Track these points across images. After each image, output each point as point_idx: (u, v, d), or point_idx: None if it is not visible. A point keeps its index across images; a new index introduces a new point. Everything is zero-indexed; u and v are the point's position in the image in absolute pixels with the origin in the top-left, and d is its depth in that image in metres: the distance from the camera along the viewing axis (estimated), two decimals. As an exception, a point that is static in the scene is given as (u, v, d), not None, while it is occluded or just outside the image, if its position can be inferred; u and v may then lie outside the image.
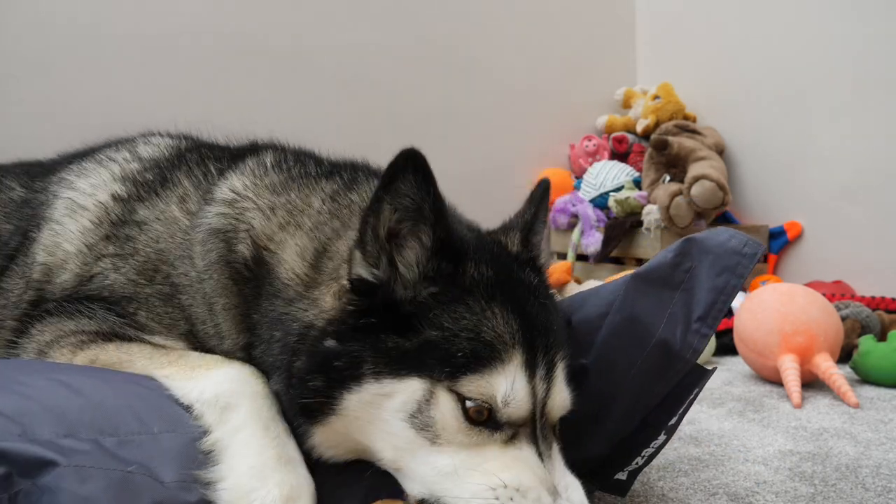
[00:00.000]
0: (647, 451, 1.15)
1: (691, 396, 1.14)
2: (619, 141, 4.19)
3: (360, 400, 0.92)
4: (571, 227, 3.87)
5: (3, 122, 2.89)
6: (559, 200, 3.94)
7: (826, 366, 1.98)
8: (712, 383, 2.18)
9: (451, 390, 0.89)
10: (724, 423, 1.75)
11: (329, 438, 0.97)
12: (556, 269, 3.36)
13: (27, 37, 2.96)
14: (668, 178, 3.68)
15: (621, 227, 3.65)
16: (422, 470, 0.90)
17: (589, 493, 0.96)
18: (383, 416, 0.91)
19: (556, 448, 0.96)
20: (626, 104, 4.41)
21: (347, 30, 3.70)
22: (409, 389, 0.90)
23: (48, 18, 3.00)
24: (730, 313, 2.74)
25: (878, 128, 3.19)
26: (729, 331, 2.54)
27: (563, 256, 3.92)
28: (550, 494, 0.88)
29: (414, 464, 0.91)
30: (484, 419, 0.89)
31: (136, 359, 1.07)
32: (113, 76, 3.13)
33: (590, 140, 4.28)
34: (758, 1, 3.81)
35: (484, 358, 0.90)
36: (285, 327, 1.03)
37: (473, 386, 0.89)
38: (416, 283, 0.95)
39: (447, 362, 0.89)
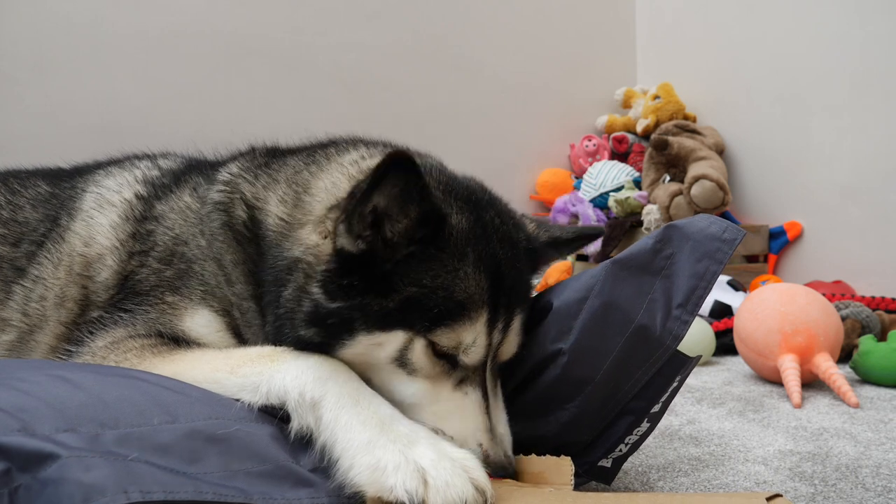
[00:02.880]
0: (631, 439, 1.15)
1: (674, 384, 1.13)
2: (619, 141, 4.19)
3: (354, 351, 1.07)
4: (571, 227, 3.87)
5: (3, 122, 2.89)
6: (559, 200, 3.94)
7: (826, 366, 1.98)
8: (712, 383, 2.18)
9: (426, 338, 1.05)
10: (724, 423, 1.75)
11: None
12: (556, 269, 3.37)
13: (27, 37, 2.96)
14: (668, 178, 3.68)
15: (621, 227, 3.65)
16: (397, 397, 1.08)
17: (576, 475, 1.05)
18: (374, 360, 1.08)
19: (499, 388, 1.15)
20: (626, 104, 4.41)
21: (347, 29, 3.70)
22: (395, 339, 1.06)
23: (48, 18, 3.00)
24: (730, 313, 2.74)
25: (878, 127, 3.19)
26: (729, 331, 2.54)
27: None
28: (484, 435, 1.06)
29: (393, 391, 1.08)
30: (446, 355, 1.08)
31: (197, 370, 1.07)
32: (113, 76, 3.14)
33: (590, 140, 4.28)
34: (757, 1, 3.81)
35: (455, 315, 1.06)
36: (276, 265, 1.17)
37: (444, 336, 1.06)
38: (399, 246, 1.06)
39: (425, 316, 1.05)
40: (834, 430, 1.67)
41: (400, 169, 0.98)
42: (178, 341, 1.17)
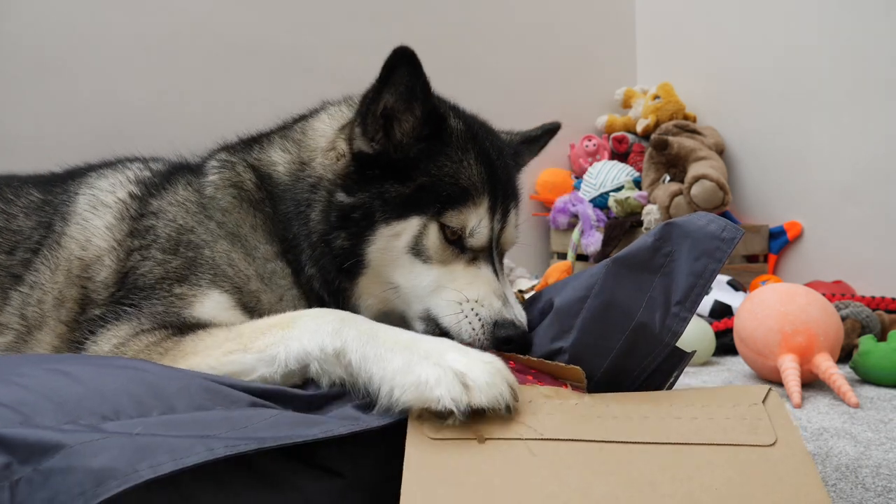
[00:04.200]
0: None
1: (671, 380, 1.14)
2: (619, 141, 4.19)
3: (378, 248, 1.23)
4: (571, 227, 3.87)
5: (3, 122, 2.89)
6: (559, 200, 3.94)
7: (826, 366, 1.98)
8: (712, 383, 2.17)
9: (438, 221, 1.23)
10: (724, 422, 1.75)
11: (367, 287, 1.27)
12: (556, 269, 3.36)
13: (27, 37, 2.96)
14: (668, 178, 3.68)
15: (621, 227, 3.65)
16: (418, 287, 1.24)
17: None
18: (395, 254, 1.23)
19: (505, 271, 1.32)
20: (626, 104, 4.41)
21: (347, 29, 3.70)
22: (411, 226, 1.23)
23: (48, 18, 3.00)
24: (730, 313, 2.74)
25: (878, 127, 3.19)
26: (729, 331, 2.54)
27: (563, 256, 3.92)
28: (500, 300, 1.22)
29: (413, 282, 1.24)
30: (456, 239, 1.25)
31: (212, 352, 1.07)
32: (113, 76, 3.13)
33: (590, 140, 4.28)
34: (758, 1, 3.81)
35: (461, 199, 1.24)
36: (299, 195, 1.31)
37: (453, 218, 1.24)
38: (409, 145, 1.24)
39: (436, 200, 1.22)
40: (834, 430, 1.67)
41: (406, 61, 1.16)
42: (186, 330, 1.15)
